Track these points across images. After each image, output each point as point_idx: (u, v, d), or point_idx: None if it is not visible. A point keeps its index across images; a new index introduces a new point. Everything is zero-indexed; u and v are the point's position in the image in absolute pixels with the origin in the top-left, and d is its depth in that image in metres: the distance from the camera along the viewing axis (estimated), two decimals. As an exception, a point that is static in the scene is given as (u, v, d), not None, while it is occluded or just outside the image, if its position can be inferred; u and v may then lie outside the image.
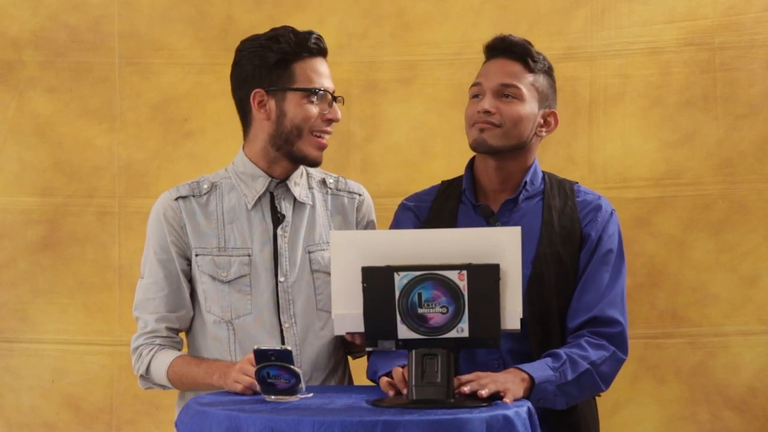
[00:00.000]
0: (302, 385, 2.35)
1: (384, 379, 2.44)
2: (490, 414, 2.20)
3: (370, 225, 2.84)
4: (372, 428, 2.12)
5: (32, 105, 3.77)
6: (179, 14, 3.77)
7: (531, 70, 2.71)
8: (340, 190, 2.82)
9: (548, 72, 2.76)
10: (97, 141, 3.78)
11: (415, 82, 3.76)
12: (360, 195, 2.84)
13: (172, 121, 3.79)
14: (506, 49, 2.72)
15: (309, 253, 2.72)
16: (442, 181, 2.83)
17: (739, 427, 3.64)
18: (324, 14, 3.76)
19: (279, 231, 2.71)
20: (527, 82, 2.70)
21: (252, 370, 2.39)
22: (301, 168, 2.78)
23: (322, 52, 2.71)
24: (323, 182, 2.81)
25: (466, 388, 2.32)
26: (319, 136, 2.70)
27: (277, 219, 2.72)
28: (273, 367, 2.32)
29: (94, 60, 3.78)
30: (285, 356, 2.31)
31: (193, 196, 2.73)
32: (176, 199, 2.72)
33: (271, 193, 2.74)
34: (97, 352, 3.77)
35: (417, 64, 3.75)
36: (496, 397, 2.34)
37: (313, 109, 2.69)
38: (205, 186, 2.75)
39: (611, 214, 2.72)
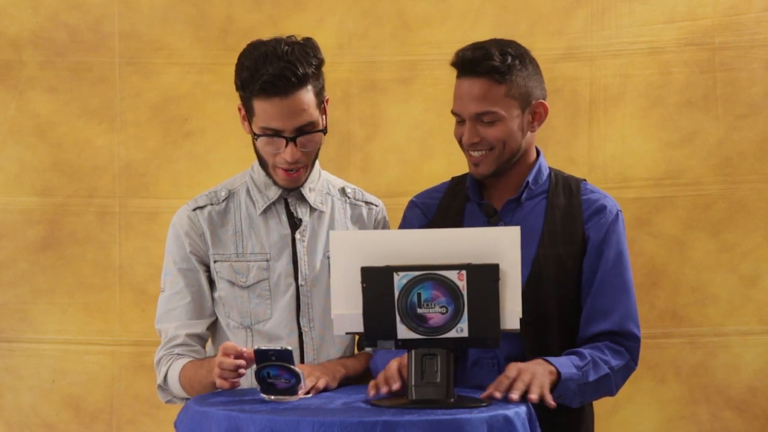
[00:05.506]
0: (302, 384, 2.35)
1: (372, 382, 2.41)
2: (490, 414, 2.20)
3: (386, 227, 2.83)
4: (372, 428, 2.12)
5: (32, 105, 3.77)
6: (179, 14, 3.77)
7: (501, 81, 2.57)
8: (358, 200, 2.81)
9: (522, 64, 2.59)
10: (97, 141, 3.78)
11: (415, 82, 3.76)
12: (377, 206, 2.83)
13: (172, 121, 3.79)
14: (470, 68, 2.58)
15: (328, 258, 2.69)
16: (452, 178, 2.80)
17: (739, 427, 3.64)
18: (324, 14, 3.75)
19: (297, 235, 2.70)
20: (500, 98, 2.57)
21: (230, 363, 2.39)
22: (319, 172, 2.76)
23: (279, 92, 2.53)
24: (343, 191, 2.80)
25: (514, 396, 2.31)
26: (285, 169, 2.64)
27: (295, 224, 2.72)
28: (273, 366, 2.32)
29: (94, 60, 3.77)
30: (285, 356, 2.31)
31: (211, 204, 2.72)
32: (194, 209, 2.71)
33: (286, 200, 2.73)
34: (98, 352, 3.77)
35: (417, 64, 3.75)
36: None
37: (268, 149, 2.62)
38: (223, 194, 2.73)
39: (616, 215, 2.65)
